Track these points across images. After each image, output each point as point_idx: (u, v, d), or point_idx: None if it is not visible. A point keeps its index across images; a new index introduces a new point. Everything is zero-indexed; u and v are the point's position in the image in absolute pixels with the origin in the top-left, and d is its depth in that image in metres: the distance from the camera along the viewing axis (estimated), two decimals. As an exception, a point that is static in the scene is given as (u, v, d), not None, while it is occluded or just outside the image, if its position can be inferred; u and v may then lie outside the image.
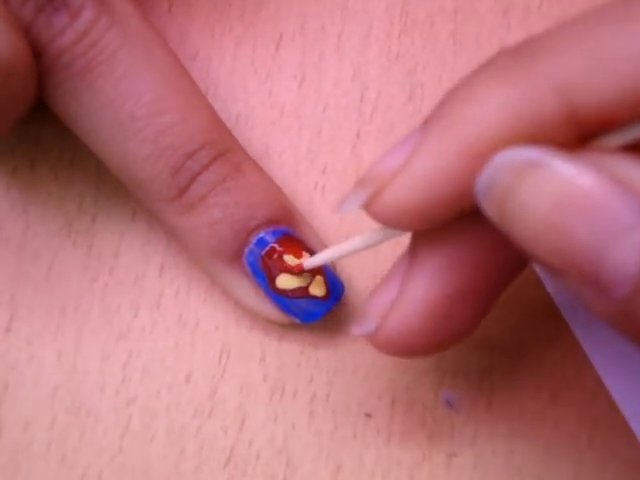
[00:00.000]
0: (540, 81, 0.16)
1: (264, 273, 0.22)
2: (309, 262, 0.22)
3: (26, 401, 0.24)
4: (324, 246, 0.24)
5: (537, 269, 0.25)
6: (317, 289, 0.22)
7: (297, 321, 0.23)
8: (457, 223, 0.18)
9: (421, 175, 0.17)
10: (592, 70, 0.15)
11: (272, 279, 0.22)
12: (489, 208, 0.16)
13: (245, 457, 0.24)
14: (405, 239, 0.20)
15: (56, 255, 0.25)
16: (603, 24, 0.15)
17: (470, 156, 0.16)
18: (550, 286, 0.24)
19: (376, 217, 0.18)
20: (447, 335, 0.19)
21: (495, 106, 0.16)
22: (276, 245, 0.22)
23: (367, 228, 0.20)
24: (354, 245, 0.20)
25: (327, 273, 0.23)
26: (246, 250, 0.22)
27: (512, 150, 0.16)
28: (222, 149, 0.22)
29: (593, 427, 0.24)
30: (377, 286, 0.20)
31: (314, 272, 0.22)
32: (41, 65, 0.21)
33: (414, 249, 0.19)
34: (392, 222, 0.18)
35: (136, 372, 0.24)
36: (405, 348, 0.19)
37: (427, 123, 0.17)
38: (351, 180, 0.25)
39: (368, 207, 0.18)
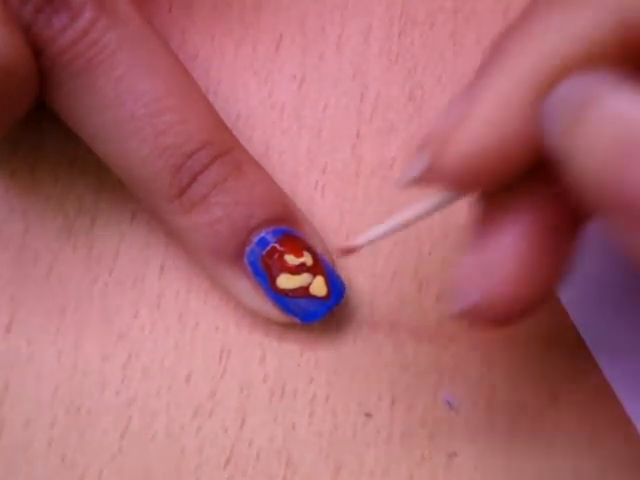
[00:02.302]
0: (599, 4, 0.15)
1: (265, 273, 0.22)
2: (363, 238, 0.20)
3: (26, 401, 0.24)
4: (325, 245, 0.24)
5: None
6: (318, 289, 0.22)
7: (297, 321, 0.23)
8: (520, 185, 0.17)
9: (487, 116, 0.16)
10: None
11: (273, 279, 0.22)
12: (553, 142, 0.15)
13: (245, 457, 0.24)
14: (406, 239, 0.20)
15: (56, 256, 0.25)
16: None
17: (534, 88, 0.15)
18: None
19: (445, 175, 0.17)
20: (541, 288, 0.18)
21: (556, 33, 0.15)
22: (277, 245, 0.22)
23: (367, 227, 0.20)
24: (407, 216, 0.19)
25: (328, 273, 0.23)
26: (247, 249, 0.22)
27: (575, 80, 0.15)
28: (223, 149, 0.22)
29: (593, 427, 0.24)
30: (462, 259, 0.19)
31: (315, 272, 0.22)
32: (41, 65, 0.21)
33: (488, 209, 0.18)
34: (462, 176, 0.16)
35: (136, 372, 0.24)
36: (515, 310, 0.18)
37: (482, 68, 0.16)
38: (351, 180, 0.25)
39: (434, 165, 0.17)
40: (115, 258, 0.25)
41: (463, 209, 0.24)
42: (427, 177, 0.17)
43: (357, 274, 0.25)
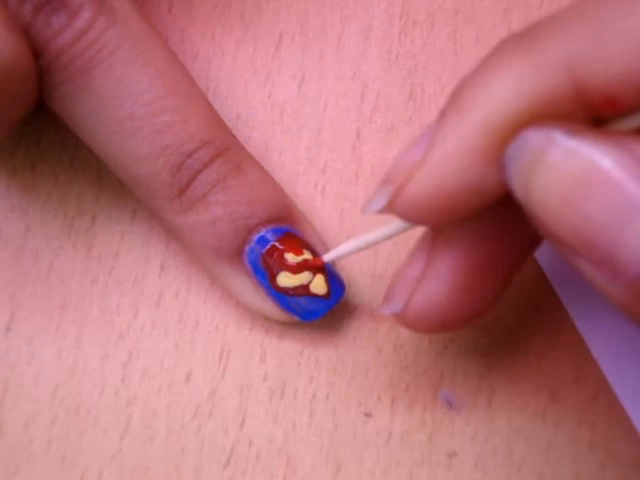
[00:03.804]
0: (548, 58, 0.16)
1: (265, 271, 0.22)
2: (329, 255, 0.22)
3: (26, 401, 0.24)
4: (325, 244, 0.24)
5: (543, 265, 0.25)
6: (318, 287, 0.22)
7: (297, 319, 0.23)
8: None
9: (441, 164, 0.17)
10: (597, 46, 0.15)
11: (273, 277, 0.22)
12: (514, 186, 0.16)
13: (245, 457, 0.24)
14: (406, 239, 0.20)
15: (56, 256, 0.25)
16: (608, 2, 0.15)
17: (488, 139, 0.16)
18: (555, 281, 0.24)
19: (401, 214, 0.18)
20: (471, 309, 0.20)
21: (507, 87, 0.16)
22: (277, 243, 0.22)
23: (367, 227, 0.20)
24: (374, 237, 0.21)
25: (328, 272, 0.23)
26: (247, 248, 0.22)
27: (532, 130, 0.16)
28: (222, 148, 0.22)
29: (593, 427, 0.24)
30: (401, 266, 0.21)
31: (315, 270, 0.22)
32: (40, 65, 0.21)
33: (435, 231, 0.20)
34: (416, 217, 0.18)
35: (136, 372, 0.24)
36: (432, 323, 0.20)
37: (443, 113, 0.17)
38: (351, 180, 0.25)
39: (392, 204, 0.18)
40: (115, 257, 0.25)
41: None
42: (387, 212, 0.18)
43: (357, 274, 0.25)
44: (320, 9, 0.26)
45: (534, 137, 0.15)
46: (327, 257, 0.22)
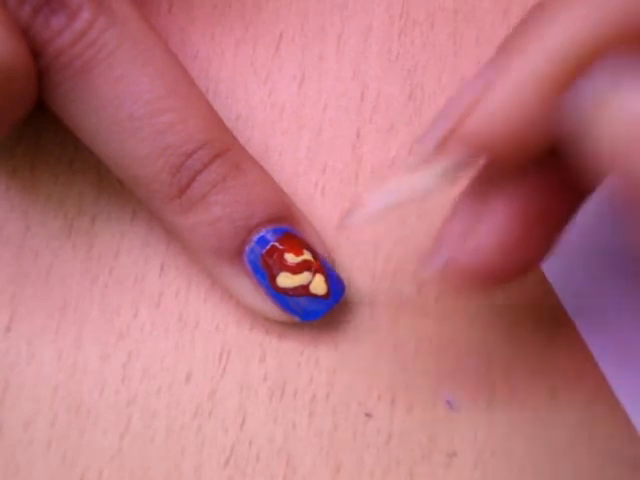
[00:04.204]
0: None
1: (265, 271, 0.22)
2: (371, 203, 0.19)
3: (26, 401, 0.24)
4: (324, 244, 0.24)
5: (543, 265, 0.25)
6: (318, 287, 0.22)
7: (297, 319, 0.23)
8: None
9: (509, 91, 0.16)
10: None
11: (273, 277, 0.22)
12: (580, 119, 0.15)
13: (245, 457, 0.24)
14: (406, 239, 0.20)
15: (56, 256, 0.25)
16: None
17: (558, 67, 0.16)
18: (555, 281, 0.24)
19: (465, 141, 0.17)
20: (523, 260, 0.19)
21: (581, 12, 0.15)
22: (277, 243, 0.22)
23: (367, 228, 0.20)
24: (409, 185, 0.18)
25: (328, 272, 0.23)
26: (247, 248, 0.22)
27: (608, 60, 0.15)
28: (222, 148, 0.22)
29: (593, 427, 0.24)
30: (443, 223, 0.20)
31: (315, 270, 0.22)
32: (40, 66, 0.21)
33: (486, 180, 0.19)
34: (484, 140, 0.17)
35: (136, 372, 0.24)
36: (483, 275, 0.19)
37: (506, 43, 0.16)
38: (351, 180, 0.25)
39: (456, 131, 0.17)
40: (115, 257, 0.25)
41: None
42: (449, 141, 0.17)
43: (357, 274, 0.25)
44: (320, 9, 0.26)
45: (610, 68, 0.15)
46: (371, 204, 0.19)
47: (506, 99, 0.16)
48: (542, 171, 0.18)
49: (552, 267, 0.25)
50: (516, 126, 0.16)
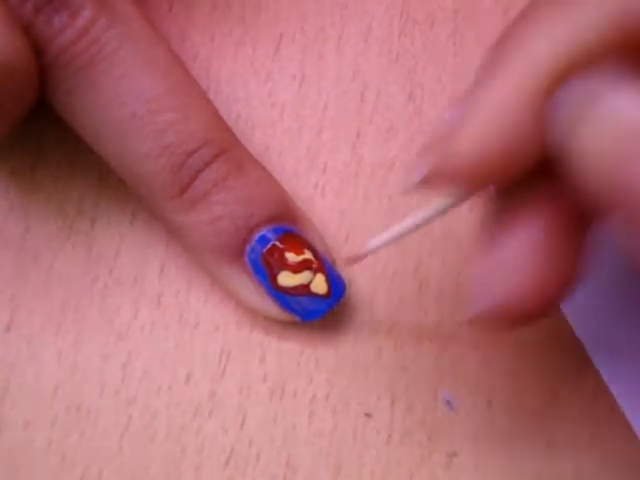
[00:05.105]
0: (594, 6, 0.15)
1: (265, 270, 0.22)
2: (373, 243, 0.20)
3: (26, 401, 0.24)
4: (325, 243, 0.24)
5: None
6: (318, 287, 0.23)
7: (298, 319, 0.23)
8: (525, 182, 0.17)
9: (491, 115, 0.16)
10: None
11: (273, 276, 0.22)
12: (557, 142, 0.15)
13: (245, 457, 0.24)
14: (406, 239, 0.20)
15: (56, 256, 0.25)
16: None
17: (536, 88, 0.15)
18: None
19: (450, 174, 0.17)
20: (557, 288, 0.18)
21: (553, 35, 0.15)
22: (277, 243, 0.22)
23: (367, 227, 0.20)
24: (410, 223, 0.19)
25: (328, 271, 0.23)
26: (247, 247, 0.22)
27: (577, 81, 0.15)
28: (223, 147, 0.22)
29: (593, 427, 0.24)
30: (477, 259, 0.19)
31: (316, 270, 0.22)
32: (42, 64, 0.21)
33: (494, 217, 0.19)
34: (470, 173, 0.16)
35: (136, 372, 0.24)
36: (536, 308, 0.18)
37: (483, 69, 0.16)
38: (351, 180, 0.25)
39: (441, 165, 0.17)
40: (115, 258, 0.25)
41: (463, 209, 0.24)
42: (432, 179, 0.17)
43: (357, 274, 0.25)
44: (320, 9, 0.26)
45: (586, 84, 0.15)
46: (370, 245, 0.20)
47: (485, 128, 0.16)
48: (552, 185, 0.18)
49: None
50: (498, 151, 0.16)
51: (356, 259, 0.21)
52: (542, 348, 0.24)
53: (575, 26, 0.15)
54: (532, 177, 0.17)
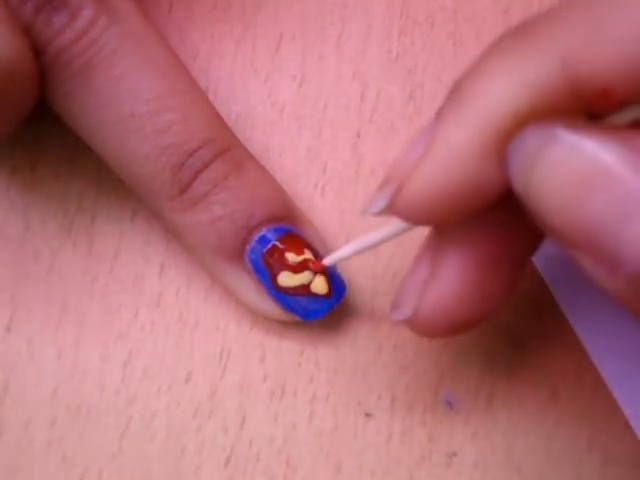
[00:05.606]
0: (544, 53, 0.15)
1: (266, 271, 0.22)
2: (329, 259, 0.22)
3: (26, 401, 0.24)
4: (325, 244, 0.24)
5: (539, 267, 0.25)
6: (319, 287, 0.22)
7: (298, 319, 0.23)
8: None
9: (441, 163, 0.16)
10: (591, 39, 0.15)
11: (273, 277, 0.22)
12: (516, 182, 0.16)
13: (245, 457, 0.24)
14: (406, 240, 0.20)
15: (56, 255, 0.25)
16: None
17: (488, 136, 0.16)
18: (552, 283, 0.25)
19: (402, 214, 0.18)
20: (481, 309, 0.20)
21: (504, 83, 0.16)
22: (277, 243, 0.22)
23: (367, 227, 0.20)
24: (375, 238, 0.21)
25: (329, 271, 0.23)
26: (247, 248, 0.22)
27: (532, 126, 0.15)
28: (223, 147, 0.22)
29: (593, 427, 0.24)
30: (408, 270, 0.20)
31: (316, 270, 0.22)
32: (41, 65, 0.21)
33: (439, 232, 0.20)
34: (418, 217, 0.17)
35: (136, 372, 0.24)
36: (443, 326, 0.20)
37: (441, 111, 0.17)
38: (351, 180, 0.25)
39: (393, 205, 0.18)
40: (115, 256, 0.25)
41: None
42: (388, 213, 0.18)
43: (358, 274, 0.25)
44: (320, 9, 0.26)
45: (535, 133, 0.15)
46: (327, 261, 0.22)
47: (440, 168, 0.16)
48: (493, 219, 0.19)
49: (550, 271, 0.25)
50: (451, 193, 0.17)
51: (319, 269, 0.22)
52: (542, 348, 0.24)
53: (525, 73, 0.16)
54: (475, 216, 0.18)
